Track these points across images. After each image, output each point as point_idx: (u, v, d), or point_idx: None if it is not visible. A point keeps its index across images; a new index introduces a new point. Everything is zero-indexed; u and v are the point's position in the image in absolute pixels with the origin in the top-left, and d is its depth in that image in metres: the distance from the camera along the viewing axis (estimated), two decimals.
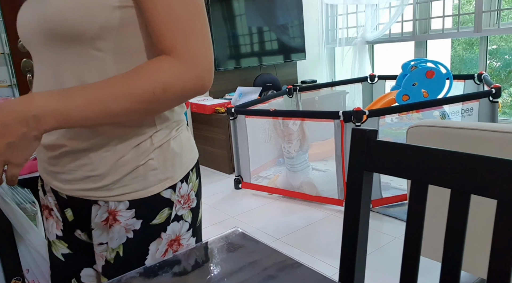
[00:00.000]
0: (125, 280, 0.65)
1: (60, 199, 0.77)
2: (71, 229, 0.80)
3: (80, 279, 0.82)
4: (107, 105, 0.61)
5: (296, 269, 0.64)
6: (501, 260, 0.61)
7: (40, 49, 0.69)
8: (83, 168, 0.70)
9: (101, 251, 0.76)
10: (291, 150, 2.75)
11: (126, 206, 0.71)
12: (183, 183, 0.76)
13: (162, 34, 0.64)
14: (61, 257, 0.82)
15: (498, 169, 0.61)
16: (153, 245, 0.74)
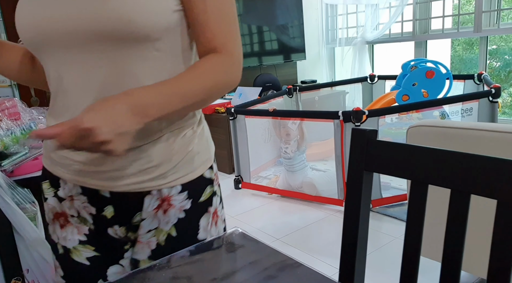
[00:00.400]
0: (126, 280, 0.65)
1: (99, 198, 0.78)
2: (105, 227, 0.80)
3: (107, 279, 0.83)
4: (186, 98, 0.68)
5: (296, 269, 0.64)
6: (501, 260, 0.61)
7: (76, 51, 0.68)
8: (138, 162, 0.73)
9: (148, 238, 0.79)
10: (288, 151, 2.75)
11: (178, 190, 0.77)
12: (214, 162, 0.85)
13: (214, 34, 0.71)
14: (86, 261, 0.81)
15: (498, 169, 0.61)
16: (203, 219, 0.81)
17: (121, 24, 0.65)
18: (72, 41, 0.67)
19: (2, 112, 1.12)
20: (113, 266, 0.83)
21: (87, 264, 0.81)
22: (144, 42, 0.68)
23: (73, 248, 0.81)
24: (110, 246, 0.82)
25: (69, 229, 0.81)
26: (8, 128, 1.09)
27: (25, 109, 1.18)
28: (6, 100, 1.15)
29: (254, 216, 2.56)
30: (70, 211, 0.80)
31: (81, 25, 0.66)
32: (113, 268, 0.83)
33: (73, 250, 0.81)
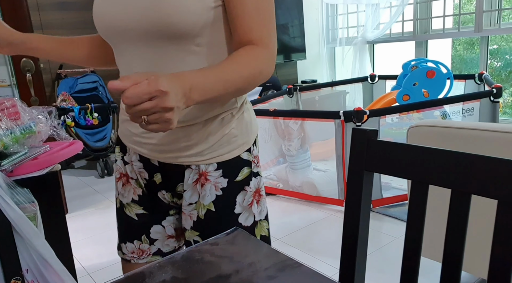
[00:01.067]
0: (126, 280, 0.65)
1: (151, 166, 0.91)
2: (155, 191, 0.94)
3: (149, 235, 0.98)
4: (228, 85, 0.73)
5: (296, 269, 0.64)
6: (502, 260, 0.61)
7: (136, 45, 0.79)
8: (180, 139, 0.84)
9: (190, 210, 0.91)
10: (291, 148, 2.75)
11: (215, 168, 0.86)
12: (254, 146, 0.92)
13: (250, 28, 0.77)
14: (135, 216, 0.98)
15: (499, 169, 0.61)
16: (239, 197, 0.89)
17: (163, 25, 0.73)
18: (127, 36, 0.79)
19: (2, 112, 1.12)
20: (155, 225, 0.98)
21: (135, 219, 0.98)
22: (185, 39, 0.76)
23: (126, 204, 0.98)
24: (157, 209, 0.97)
25: (128, 188, 0.97)
26: (7, 128, 1.09)
27: (24, 109, 1.18)
28: (5, 100, 1.15)
29: None
30: (131, 174, 0.96)
31: (132, 24, 0.76)
32: (156, 227, 0.98)
33: (127, 206, 0.98)
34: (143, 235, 0.98)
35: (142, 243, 0.98)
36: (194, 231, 0.92)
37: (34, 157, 1.12)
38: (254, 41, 0.77)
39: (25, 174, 1.08)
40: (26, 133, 1.13)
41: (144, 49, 0.79)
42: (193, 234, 0.93)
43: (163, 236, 0.99)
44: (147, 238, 0.98)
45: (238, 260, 0.68)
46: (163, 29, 0.74)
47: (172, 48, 0.77)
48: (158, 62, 0.79)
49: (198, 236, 0.92)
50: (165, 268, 0.67)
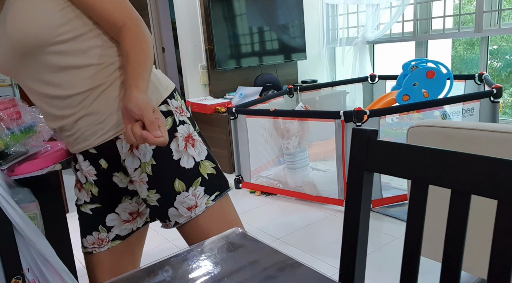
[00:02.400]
0: (125, 280, 0.65)
1: (93, 157, 1.02)
2: (109, 177, 1.04)
3: (106, 224, 1.09)
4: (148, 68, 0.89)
5: (296, 269, 0.64)
6: (502, 260, 0.61)
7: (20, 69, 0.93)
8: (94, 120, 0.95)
9: (138, 175, 1.00)
10: (289, 146, 2.75)
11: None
12: (171, 99, 1.03)
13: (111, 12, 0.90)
14: (89, 211, 1.09)
15: (499, 169, 0.61)
16: (172, 144, 0.99)
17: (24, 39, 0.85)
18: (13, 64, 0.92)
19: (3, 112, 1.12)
20: (110, 214, 1.09)
21: (90, 213, 1.09)
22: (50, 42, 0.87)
23: (81, 205, 1.11)
24: (110, 199, 1.08)
25: (82, 192, 1.10)
26: (8, 128, 1.09)
27: (25, 109, 1.18)
28: (6, 100, 1.15)
29: (254, 216, 2.56)
30: (81, 178, 1.08)
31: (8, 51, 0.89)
32: (110, 215, 1.09)
33: (81, 206, 1.11)
34: (99, 225, 1.09)
35: (100, 233, 1.09)
36: (152, 190, 1.00)
37: (35, 156, 1.12)
38: (123, 22, 0.90)
39: (26, 174, 1.08)
40: (27, 133, 1.13)
41: (29, 67, 0.91)
42: (152, 195, 1.01)
43: (119, 222, 1.10)
44: (103, 227, 1.09)
45: (238, 260, 0.68)
46: (27, 42, 0.86)
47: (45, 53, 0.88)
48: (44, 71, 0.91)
49: (157, 194, 1.00)
50: (165, 267, 0.67)
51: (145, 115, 0.78)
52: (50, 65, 0.90)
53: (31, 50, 0.88)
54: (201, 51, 3.68)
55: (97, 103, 0.95)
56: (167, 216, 1.02)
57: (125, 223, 1.11)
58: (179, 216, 1.01)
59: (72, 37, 0.89)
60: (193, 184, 1.00)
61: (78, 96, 0.93)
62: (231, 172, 3.30)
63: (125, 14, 0.91)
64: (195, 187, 1.00)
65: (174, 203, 1.00)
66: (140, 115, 0.79)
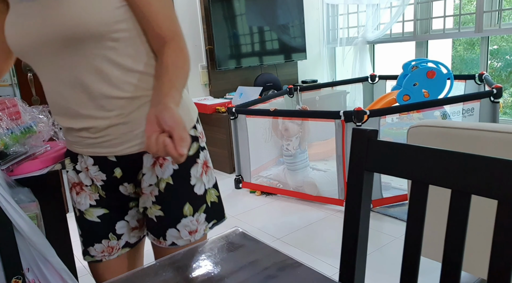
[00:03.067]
0: (126, 279, 0.65)
1: (108, 163, 0.98)
2: (116, 185, 1.01)
3: (116, 232, 1.05)
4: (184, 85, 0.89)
5: (296, 268, 0.64)
6: (502, 260, 0.61)
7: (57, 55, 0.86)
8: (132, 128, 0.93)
9: (150, 190, 0.99)
10: (289, 147, 2.75)
11: None
12: (197, 123, 1.05)
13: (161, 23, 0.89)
14: (97, 219, 1.04)
15: (499, 169, 0.61)
16: (193, 169, 1.01)
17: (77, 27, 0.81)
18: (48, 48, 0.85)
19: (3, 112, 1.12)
20: (119, 222, 1.05)
21: (98, 221, 1.04)
22: (102, 36, 0.84)
23: (85, 211, 1.04)
24: (118, 205, 1.04)
25: (83, 196, 1.03)
26: (8, 128, 1.09)
27: (25, 109, 1.18)
28: (6, 100, 1.15)
29: (254, 216, 2.56)
30: (85, 181, 1.02)
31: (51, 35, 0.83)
32: (120, 223, 1.05)
33: (86, 212, 1.04)
34: (110, 233, 1.05)
35: (111, 241, 1.05)
36: (156, 205, 1.00)
37: (34, 156, 1.12)
38: (170, 36, 0.90)
39: (26, 173, 1.08)
40: (26, 133, 1.13)
41: (67, 57, 0.86)
42: (155, 209, 1.01)
43: (128, 229, 1.07)
44: (114, 235, 1.05)
45: (239, 260, 0.68)
46: (80, 32, 0.82)
47: (92, 47, 0.85)
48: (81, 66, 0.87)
49: (159, 210, 1.00)
50: (165, 267, 0.67)
51: (177, 129, 0.75)
52: (102, 57, 0.87)
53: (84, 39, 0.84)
54: (201, 51, 3.68)
55: (136, 114, 0.92)
56: (164, 235, 1.02)
57: (133, 230, 1.09)
58: (179, 238, 1.01)
59: (125, 37, 0.87)
60: (199, 210, 1.02)
61: (119, 100, 0.90)
62: (231, 172, 3.30)
63: (173, 29, 0.90)
64: (199, 213, 1.02)
65: (178, 225, 1.00)
66: (171, 128, 0.75)
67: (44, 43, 0.85)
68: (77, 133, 0.95)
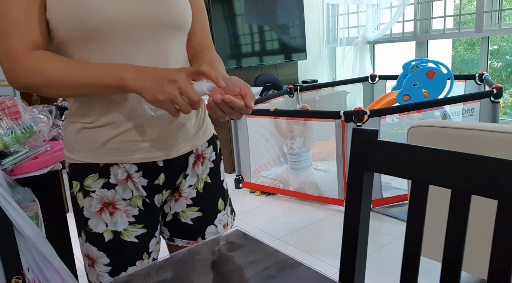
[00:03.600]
0: (126, 279, 0.65)
1: (154, 170, 0.90)
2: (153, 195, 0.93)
3: (149, 250, 0.94)
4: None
5: (296, 269, 0.64)
6: (502, 260, 0.61)
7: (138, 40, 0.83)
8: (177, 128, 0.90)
9: (188, 192, 0.97)
10: (294, 146, 2.75)
11: (206, 145, 0.98)
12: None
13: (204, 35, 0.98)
14: (135, 239, 0.91)
15: (499, 169, 0.61)
16: (221, 165, 1.05)
17: (174, 18, 0.85)
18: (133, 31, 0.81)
19: (3, 111, 1.12)
20: (152, 239, 0.95)
21: (136, 242, 0.91)
22: (186, 31, 0.91)
23: (124, 230, 0.89)
24: (152, 219, 0.95)
25: (118, 214, 0.89)
26: (8, 127, 1.09)
27: (25, 109, 1.18)
28: (6, 99, 1.15)
29: (254, 216, 2.56)
30: (123, 194, 0.88)
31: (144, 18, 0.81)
32: (152, 240, 0.95)
33: (124, 232, 0.89)
34: (144, 252, 0.93)
35: (143, 260, 0.93)
36: (193, 207, 0.98)
37: (34, 156, 1.12)
38: (208, 46, 0.97)
39: (26, 173, 1.08)
40: (26, 132, 1.13)
41: (146, 43, 0.82)
42: (192, 211, 0.98)
43: (155, 245, 0.97)
44: (147, 254, 0.94)
45: (239, 260, 0.68)
46: (174, 22, 0.85)
47: (176, 38, 0.88)
48: (161, 53, 0.85)
49: (198, 212, 0.98)
50: (165, 267, 0.67)
51: (248, 89, 0.81)
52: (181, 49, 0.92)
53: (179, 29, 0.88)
54: None
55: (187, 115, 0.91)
56: (203, 234, 1.00)
57: (157, 244, 0.99)
58: (216, 233, 1.02)
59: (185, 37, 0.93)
60: (227, 203, 1.07)
61: None
62: (231, 171, 3.30)
63: (211, 42, 0.99)
64: (228, 206, 1.07)
65: (215, 220, 1.02)
66: (243, 89, 0.81)
67: (145, 22, 0.81)
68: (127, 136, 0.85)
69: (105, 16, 0.77)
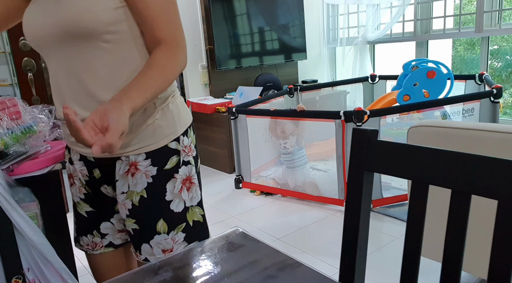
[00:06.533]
0: (126, 279, 0.65)
1: (88, 163, 0.99)
2: (98, 186, 1.02)
3: (100, 231, 1.07)
4: (156, 91, 0.83)
5: (296, 268, 0.64)
6: (502, 260, 0.61)
7: (57, 48, 0.87)
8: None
9: (123, 199, 0.97)
10: (287, 145, 2.75)
11: (144, 157, 0.93)
12: (184, 136, 0.98)
13: (159, 27, 0.85)
14: (85, 214, 1.06)
15: (499, 169, 0.61)
16: (169, 184, 0.96)
17: (72, 25, 0.82)
18: (50, 41, 0.86)
19: (3, 111, 1.12)
20: (104, 222, 1.06)
21: (86, 216, 1.07)
22: (93, 37, 0.83)
23: (77, 202, 1.07)
24: (103, 204, 1.04)
25: (75, 187, 1.06)
26: (8, 127, 1.09)
27: (26, 109, 1.18)
28: (6, 99, 1.15)
29: (254, 216, 2.56)
30: (74, 173, 1.04)
31: (51, 29, 0.84)
32: (105, 224, 1.06)
33: (77, 204, 1.07)
34: (94, 230, 1.07)
35: (94, 237, 1.07)
36: (131, 219, 0.98)
37: (35, 156, 1.12)
38: (166, 39, 0.86)
39: (26, 173, 1.08)
40: (27, 132, 1.13)
41: (65, 50, 0.86)
42: (130, 222, 0.99)
43: (113, 231, 1.07)
44: (98, 233, 1.07)
45: (239, 260, 0.68)
46: (73, 29, 0.82)
47: (85, 45, 0.85)
48: (76, 60, 0.87)
49: (135, 224, 0.98)
50: (165, 268, 0.67)
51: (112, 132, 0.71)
52: (94, 56, 0.86)
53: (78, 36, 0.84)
54: (201, 51, 3.68)
55: None
56: (139, 249, 1.00)
57: (118, 232, 1.08)
58: (152, 255, 0.98)
59: (118, 39, 0.86)
60: (176, 228, 0.98)
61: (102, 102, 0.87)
62: (231, 171, 3.30)
63: (172, 35, 0.87)
64: (176, 232, 0.98)
65: (151, 241, 0.97)
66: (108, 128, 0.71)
67: (46, 35, 0.86)
68: (64, 128, 0.98)
69: (27, 33, 0.90)
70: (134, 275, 0.66)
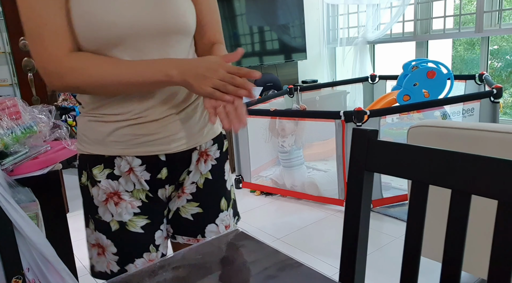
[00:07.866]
0: (126, 279, 0.65)
1: (156, 163, 0.92)
2: (157, 189, 0.95)
3: (155, 243, 0.96)
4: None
5: (296, 269, 0.64)
6: (502, 260, 0.61)
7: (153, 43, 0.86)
8: (184, 125, 0.92)
9: (191, 189, 0.98)
10: (285, 144, 2.75)
11: (211, 143, 0.99)
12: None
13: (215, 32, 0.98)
14: (140, 229, 0.93)
15: (499, 169, 0.61)
16: (226, 165, 1.04)
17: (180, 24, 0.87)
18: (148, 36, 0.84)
19: (3, 112, 1.12)
20: (157, 231, 0.97)
21: (141, 232, 0.93)
22: (191, 35, 0.92)
23: (129, 221, 0.92)
24: (157, 210, 0.97)
25: (123, 205, 0.91)
26: (8, 128, 1.09)
27: (26, 109, 1.18)
28: (7, 100, 1.15)
29: (254, 216, 2.56)
30: (126, 186, 0.91)
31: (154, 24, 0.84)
32: (157, 233, 0.97)
33: (129, 223, 0.92)
34: (150, 244, 0.95)
35: (151, 253, 0.95)
36: (193, 202, 0.99)
37: (35, 156, 1.12)
38: (219, 41, 0.98)
39: (26, 173, 1.08)
40: (26, 133, 1.13)
41: (160, 46, 0.86)
42: (192, 206, 0.99)
43: (162, 239, 0.99)
44: (154, 246, 0.96)
45: (239, 260, 0.68)
46: (179, 28, 0.87)
47: (184, 42, 0.90)
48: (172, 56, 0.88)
49: (198, 207, 0.99)
50: (165, 267, 0.67)
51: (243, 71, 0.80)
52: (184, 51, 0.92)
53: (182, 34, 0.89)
54: None
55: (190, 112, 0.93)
56: (203, 232, 1.00)
57: (165, 239, 1.01)
58: (217, 233, 1.01)
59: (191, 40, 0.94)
60: (230, 204, 1.05)
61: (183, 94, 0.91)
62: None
63: (222, 37, 1.00)
64: (230, 208, 1.05)
65: (216, 219, 1.01)
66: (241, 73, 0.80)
67: (150, 31, 0.84)
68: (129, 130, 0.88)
69: (115, 28, 0.81)
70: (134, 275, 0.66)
